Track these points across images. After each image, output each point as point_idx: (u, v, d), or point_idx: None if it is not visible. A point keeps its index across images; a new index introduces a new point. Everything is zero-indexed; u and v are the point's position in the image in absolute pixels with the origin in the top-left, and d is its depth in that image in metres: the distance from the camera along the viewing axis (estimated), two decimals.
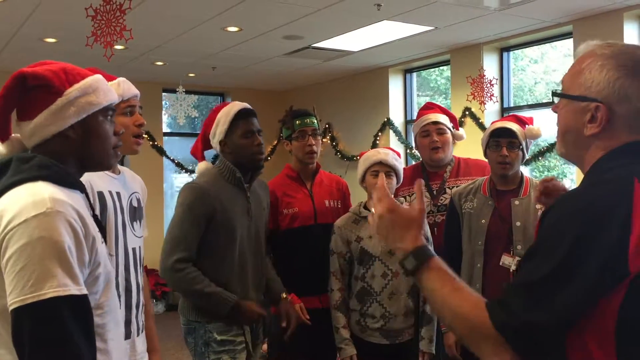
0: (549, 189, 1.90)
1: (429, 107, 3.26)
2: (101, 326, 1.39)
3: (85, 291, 1.27)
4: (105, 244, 1.49)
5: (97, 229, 1.40)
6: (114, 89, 1.98)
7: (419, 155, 3.32)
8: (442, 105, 3.39)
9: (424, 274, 1.28)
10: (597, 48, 1.28)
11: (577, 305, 1.13)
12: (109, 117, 1.50)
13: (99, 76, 1.51)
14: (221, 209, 2.50)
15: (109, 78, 2.05)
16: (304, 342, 2.82)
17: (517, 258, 2.61)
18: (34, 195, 1.29)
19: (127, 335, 2.01)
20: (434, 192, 3.09)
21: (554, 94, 1.36)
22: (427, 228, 2.81)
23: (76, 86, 1.44)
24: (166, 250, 2.49)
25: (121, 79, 2.08)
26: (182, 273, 2.44)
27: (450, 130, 3.17)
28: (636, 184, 1.15)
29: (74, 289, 1.24)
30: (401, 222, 1.34)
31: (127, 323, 2.01)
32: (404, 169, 3.14)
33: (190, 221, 2.47)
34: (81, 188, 1.46)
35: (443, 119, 3.16)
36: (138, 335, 2.07)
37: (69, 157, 1.44)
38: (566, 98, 1.31)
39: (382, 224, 1.36)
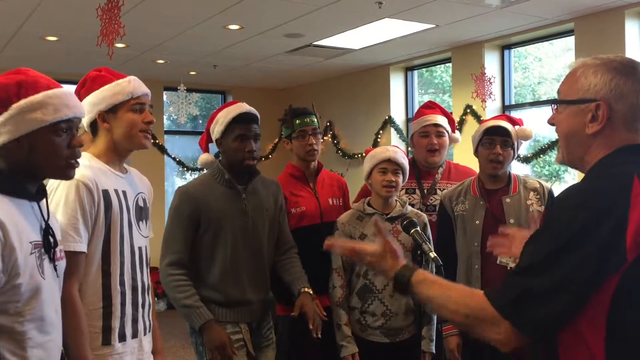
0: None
1: (430, 107, 3.25)
2: (20, 333, 1.44)
3: None
4: (50, 253, 1.52)
5: (28, 240, 1.45)
6: (124, 87, 2.00)
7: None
8: (444, 104, 3.38)
9: (414, 288, 1.47)
10: (587, 60, 1.42)
11: (576, 282, 1.22)
12: (63, 131, 1.53)
13: (56, 91, 1.53)
14: (206, 210, 2.54)
15: (119, 76, 2.05)
16: (310, 343, 2.82)
17: (514, 256, 2.61)
18: None
19: (134, 334, 2.01)
20: (425, 191, 3.09)
21: (554, 101, 1.47)
22: (429, 232, 2.81)
23: (22, 102, 1.47)
24: (161, 253, 2.57)
25: (131, 77, 2.07)
26: (170, 278, 2.52)
27: (448, 132, 3.18)
28: (635, 180, 1.25)
29: None
30: (375, 261, 1.59)
31: (134, 322, 2.01)
32: None
33: (177, 223, 2.55)
34: (29, 196, 1.52)
35: (443, 121, 3.16)
36: (145, 334, 2.07)
37: (18, 166, 1.50)
38: (567, 103, 1.42)
39: (370, 267, 1.64)
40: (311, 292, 2.66)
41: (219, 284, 2.55)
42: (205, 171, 2.76)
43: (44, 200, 1.57)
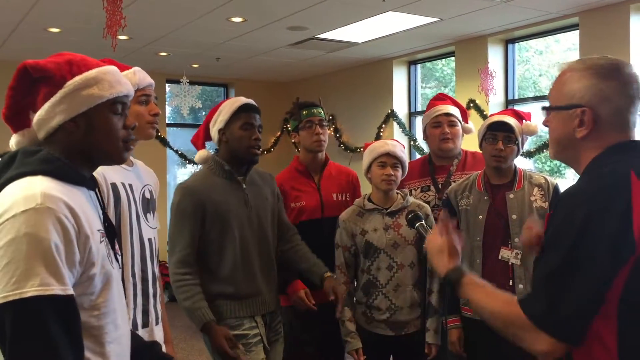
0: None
1: (441, 98, 3.23)
2: (97, 328, 1.35)
3: (70, 292, 1.24)
4: (112, 242, 1.46)
5: (96, 228, 1.36)
6: (130, 78, 1.96)
7: (423, 147, 3.31)
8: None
9: (461, 289, 1.55)
10: (573, 64, 1.48)
11: (594, 289, 1.28)
12: (119, 110, 1.45)
13: (108, 68, 1.45)
14: (211, 204, 2.52)
15: (124, 68, 2.02)
16: (313, 335, 2.83)
17: (516, 251, 2.61)
18: (27, 190, 1.26)
19: (145, 324, 2.03)
20: (440, 186, 3.08)
21: (543, 107, 1.52)
22: (432, 221, 2.80)
23: (77, 78, 1.39)
24: (169, 252, 2.57)
25: (136, 68, 2.06)
26: (175, 277, 2.52)
27: (460, 123, 3.15)
28: (632, 174, 1.31)
29: (57, 289, 1.21)
30: (434, 252, 1.65)
31: (145, 312, 2.03)
32: (411, 162, 3.14)
33: (181, 221, 2.52)
34: (88, 184, 1.43)
35: (454, 111, 3.14)
36: (157, 324, 2.09)
37: (74, 150, 1.40)
38: (555, 110, 1.48)
39: (429, 257, 1.71)
40: (328, 273, 2.71)
41: (230, 276, 2.53)
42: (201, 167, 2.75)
43: (97, 189, 1.50)
